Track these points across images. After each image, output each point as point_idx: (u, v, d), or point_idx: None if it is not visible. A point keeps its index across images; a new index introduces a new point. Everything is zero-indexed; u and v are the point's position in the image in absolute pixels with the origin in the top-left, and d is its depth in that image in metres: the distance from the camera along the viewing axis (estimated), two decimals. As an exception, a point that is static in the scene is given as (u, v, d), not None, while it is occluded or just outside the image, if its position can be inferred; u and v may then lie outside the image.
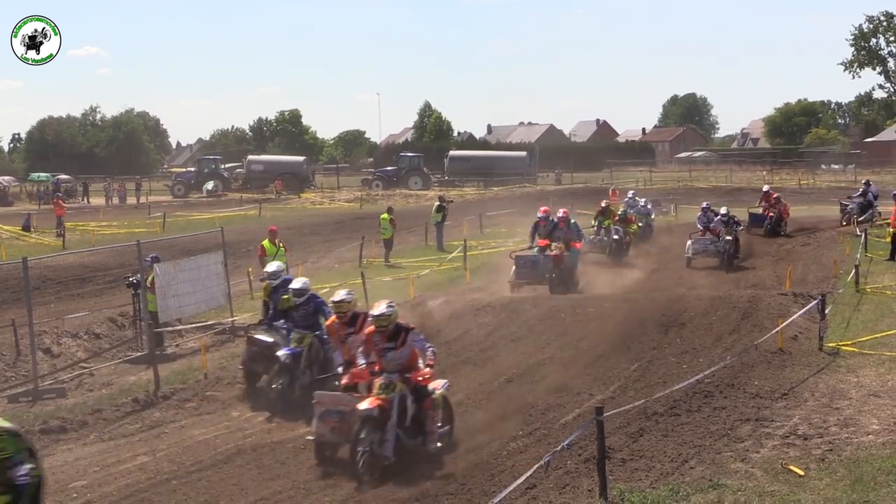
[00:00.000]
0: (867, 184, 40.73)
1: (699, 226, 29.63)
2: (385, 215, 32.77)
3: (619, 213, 30.97)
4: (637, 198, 36.53)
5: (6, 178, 69.05)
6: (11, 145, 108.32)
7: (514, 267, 24.10)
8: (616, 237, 29.63)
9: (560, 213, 24.98)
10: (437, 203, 36.76)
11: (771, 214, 35.91)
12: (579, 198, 54.17)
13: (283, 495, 10.82)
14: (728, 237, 28.34)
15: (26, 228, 41.69)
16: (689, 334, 17.77)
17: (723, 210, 29.79)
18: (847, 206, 38.41)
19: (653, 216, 36.34)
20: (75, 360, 18.77)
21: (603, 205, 31.14)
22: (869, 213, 37.39)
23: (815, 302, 16.96)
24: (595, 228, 30.20)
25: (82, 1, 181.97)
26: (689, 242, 28.57)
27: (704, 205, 30.92)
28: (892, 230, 28.47)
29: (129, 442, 13.53)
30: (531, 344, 17.84)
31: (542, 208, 25.75)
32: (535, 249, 24.19)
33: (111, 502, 10.96)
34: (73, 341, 19.97)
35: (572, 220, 25.06)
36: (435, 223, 35.12)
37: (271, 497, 10.78)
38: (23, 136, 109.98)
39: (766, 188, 41.29)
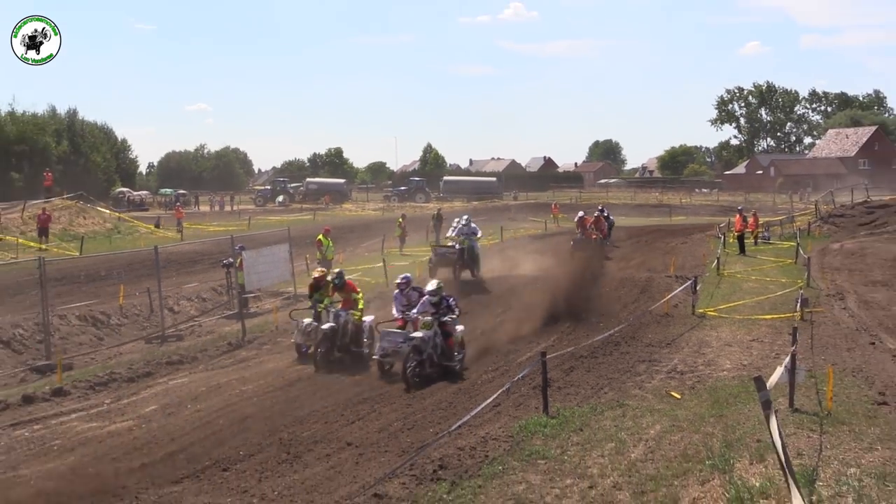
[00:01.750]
0: (603, 209, 31.82)
1: (395, 311, 13.26)
2: (399, 220, 32.97)
3: (334, 279, 13.96)
4: (461, 220, 22.47)
5: (144, 192, 68.67)
6: (148, 170, 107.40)
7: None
8: (328, 326, 13.30)
9: None
10: (436, 212, 36.81)
11: (595, 237, 27.63)
12: (531, 209, 54.35)
13: (329, 409, 10.84)
14: (421, 334, 12.24)
15: (157, 226, 41.63)
16: (605, 302, 17.82)
17: (430, 287, 12.88)
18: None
19: (478, 235, 21.92)
20: (189, 315, 18.83)
21: (315, 275, 14.66)
22: (610, 233, 31.18)
23: (689, 282, 17.08)
24: (313, 313, 14.16)
25: (195, 72, 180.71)
26: (377, 336, 13.12)
27: (401, 278, 13.66)
28: (736, 232, 28.69)
29: (225, 371, 13.57)
30: (497, 308, 17.87)
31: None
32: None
33: (213, 411, 11.01)
34: (188, 303, 20.00)
35: None
36: (434, 225, 35.14)
37: (321, 409, 10.82)
38: (155, 164, 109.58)
39: (581, 214, 29.56)
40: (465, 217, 22.45)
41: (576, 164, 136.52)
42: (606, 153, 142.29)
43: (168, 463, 8.94)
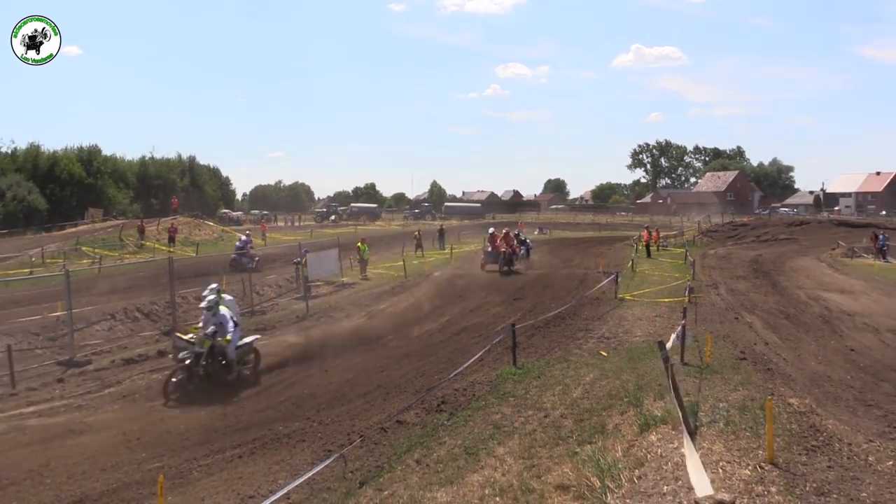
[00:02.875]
0: (519, 233, 25.48)
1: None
2: (415, 233, 32.87)
3: None
4: (209, 304, 9.39)
5: (239, 212, 68.25)
6: (242, 197, 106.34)
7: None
8: None
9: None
10: (439, 227, 36.81)
11: (504, 250, 21.30)
12: (505, 226, 54.03)
13: (366, 361, 10.77)
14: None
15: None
16: (555, 290, 17.67)
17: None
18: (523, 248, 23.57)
19: (233, 330, 9.42)
20: (270, 297, 18.75)
21: None
22: (527, 252, 23.91)
23: (613, 276, 16.95)
24: None
25: (274, 130, 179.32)
26: None
27: None
28: (644, 242, 28.58)
29: (295, 334, 13.50)
30: (481, 293, 17.70)
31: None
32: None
33: (286, 357, 10.97)
34: (269, 289, 19.88)
35: None
36: (438, 237, 35.07)
37: (359, 362, 10.75)
38: (248, 193, 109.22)
39: (491, 230, 22.92)
40: (228, 308, 9.83)
41: (535, 194, 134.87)
42: (556, 187, 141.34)
43: (257, 398, 8.90)
